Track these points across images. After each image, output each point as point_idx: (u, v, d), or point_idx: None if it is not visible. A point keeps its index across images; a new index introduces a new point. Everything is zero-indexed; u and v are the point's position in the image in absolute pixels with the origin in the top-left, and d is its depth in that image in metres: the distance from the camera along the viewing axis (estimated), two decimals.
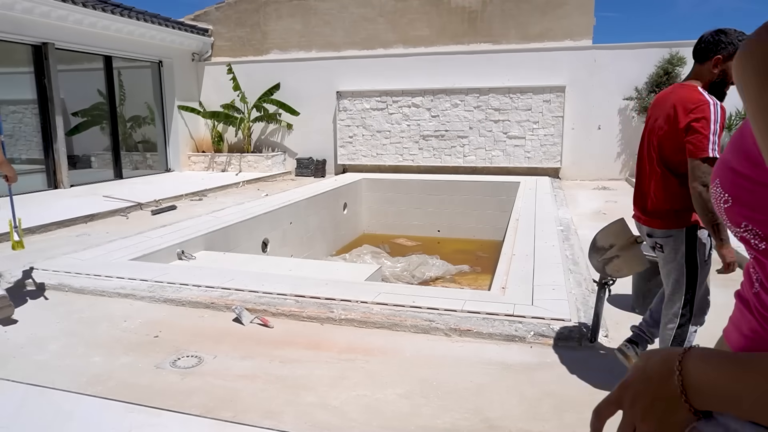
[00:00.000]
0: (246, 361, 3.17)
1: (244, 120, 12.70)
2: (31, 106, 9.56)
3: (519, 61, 11.21)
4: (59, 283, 4.49)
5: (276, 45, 13.04)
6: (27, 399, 2.76)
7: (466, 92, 11.45)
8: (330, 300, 3.96)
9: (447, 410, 2.62)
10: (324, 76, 12.36)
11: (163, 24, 11.77)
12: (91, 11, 9.93)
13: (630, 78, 10.58)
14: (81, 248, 5.66)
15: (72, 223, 6.92)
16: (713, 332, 1.03)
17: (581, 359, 3.12)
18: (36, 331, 3.64)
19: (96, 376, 2.99)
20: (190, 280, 4.46)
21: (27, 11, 8.98)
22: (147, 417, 2.58)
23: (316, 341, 3.44)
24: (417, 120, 11.83)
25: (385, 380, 2.92)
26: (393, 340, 3.44)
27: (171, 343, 3.42)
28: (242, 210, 7.76)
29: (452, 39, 11.92)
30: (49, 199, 8.63)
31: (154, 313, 3.95)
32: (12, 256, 5.29)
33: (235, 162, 12.76)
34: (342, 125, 12.34)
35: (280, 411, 2.63)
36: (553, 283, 4.27)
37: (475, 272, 8.23)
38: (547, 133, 11.15)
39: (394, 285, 6.18)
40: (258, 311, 3.85)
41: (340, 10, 12.48)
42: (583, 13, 11.23)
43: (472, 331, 3.43)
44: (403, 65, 11.84)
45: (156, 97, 12.57)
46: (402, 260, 8.43)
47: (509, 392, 2.77)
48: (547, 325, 3.46)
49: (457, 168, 11.79)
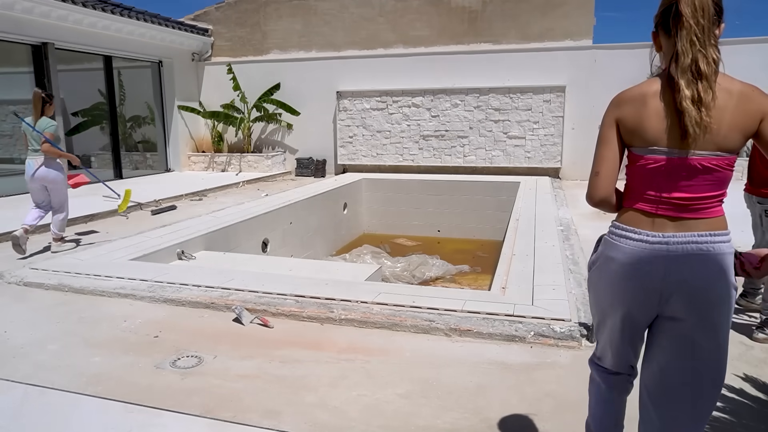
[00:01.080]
0: (246, 361, 3.17)
1: (244, 120, 12.70)
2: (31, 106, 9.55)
3: (519, 61, 11.21)
4: (59, 283, 4.49)
5: (276, 45, 13.04)
6: (27, 399, 2.76)
7: (466, 92, 11.45)
8: (330, 300, 3.96)
9: (447, 410, 2.62)
10: (324, 76, 12.37)
11: (163, 24, 11.77)
12: (91, 11, 9.93)
13: (630, 78, 10.40)
14: (81, 248, 5.66)
15: (72, 223, 6.90)
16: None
17: (581, 359, 3.11)
18: (36, 331, 3.64)
19: (96, 376, 2.99)
20: (190, 280, 4.46)
21: (27, 11, 8.98)
22: (147, 417, 2.58)
23: (316, 341, 3.44)
24: (417, 120, 11.83)
25: (385, 380, 2.92)
26: (393, 340, 3.43)
27: (171, 343, 3.42)
28: (242, 210, 7.76)
29: (452, 39, 11.92)
30: None
31: (154, 313, 3.95)
32: (12, 256, 5.31)
33: (235, 162, 12.76)
34: (342, 125, 12.35)
35: (280, 411, 2.63)
36: (553, 283, 4.27)
37: (475, 272, 8.24)
38: (548, 133, 11.15)
39: (394, 285, 6.18)
40: (258, 311, 3.85)
41: (340, 10, 12.48)
42: (583, 13, 11.23)
43: (472, 331, 3.43)
44: (403, 65, 11.84)
45: (156, 97, 12.57)
46: (402, 260, 8.43)
47: (509, 392, 2.77)
48: (547, 325, 3.45)
49: (457, 168, 11.79)
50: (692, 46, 1.49)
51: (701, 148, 1.51)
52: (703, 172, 1.53)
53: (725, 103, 1.50)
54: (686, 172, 1.53)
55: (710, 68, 1.49)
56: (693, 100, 1.48)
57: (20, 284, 4.57)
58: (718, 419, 2.50)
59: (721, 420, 2.50)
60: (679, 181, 1.54)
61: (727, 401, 2.65)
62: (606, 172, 1.66)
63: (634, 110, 1.58)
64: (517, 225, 6.59)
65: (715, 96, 1.48)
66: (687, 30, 1.50)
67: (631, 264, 1.59)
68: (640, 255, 1.58)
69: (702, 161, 1.52)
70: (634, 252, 1.59)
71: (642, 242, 1.57)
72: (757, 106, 1.51)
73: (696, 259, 1.52)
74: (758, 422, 2.48)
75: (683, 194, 1.55)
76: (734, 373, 2.92)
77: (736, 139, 1.51)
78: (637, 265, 1.58)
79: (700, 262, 1.52)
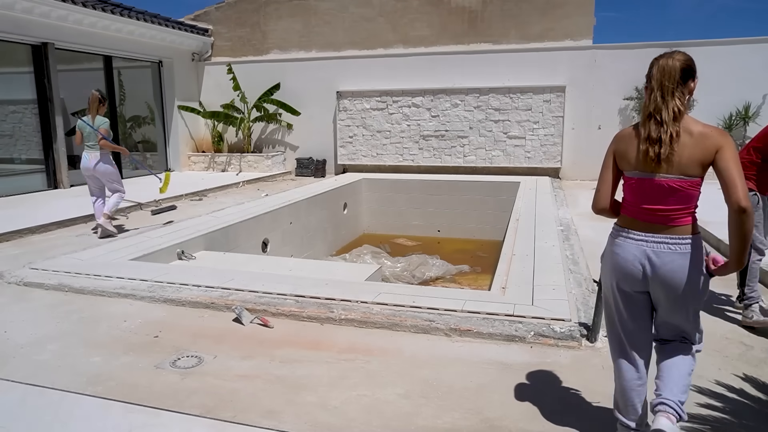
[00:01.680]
0: (246, 361, 3.17)
1: (244, 120, 12.70)
2: (31, 106, 9.56)
3: (519, 61, 11.21)
4: (59, 283, 4.49)
5: (276, 45, 13.04)
6: (27, 399, 2.76)
7: (466, 92, 11.46)
8: (330, 300, 3.96)
9: (447, 410, 2.62)
10: (324, 76, 12.37)
11: (163, 24, 11.78)
12: (91, 11, 9.94)
13: (630, 78, 10.57)
14: (81, 248, 5.66)
15: (72, 223, 6.92)
16: None
17: (581, 359, 3.12)
18: (36, 331, 3.64)
19: (96, 376, 2.99)
20: (190, 280, 4.46)
21: (27, 11, 8.98)
22: (147, 417, 2.58)
23: (316, 341, 3.44)
24: (417, 120, 11.83)
25: (385, 380, 2.92)
26: (393, 340, 3.44)
27: (171, 343, 3.42)
28: (242, 210, 7.76)
29: (452, 39, 11.92)
30: (49, 199, 8.63)
31: (154, 313, 3.95)
32: (12, 256, 5.31)
33: (235, 162, 12.77)
34: (342, 125, 12.35)
35: (280, 411, 2.63)
36: (553, 283, 4.27)
37: (475, 272, 8.24)
38: (547, 133, 11.15)
39: (394, 285, 6.18)
40: (258, 311, 3.85)
41: (340, 10, 12.49)
42: (583, 13, 11.23)
43: (472, 331, 3.43)
44: (403, 65, 11.85)
45: (156, 97, 12.57)
46: (402, 260, 8.43)
47: (509, 392, 2.77)
48: (547, 325, 3.45)
49: (457, 168, 11.79)
50: (655, 100, 2.03)
51: (667, 172, 2.02)
52: (669, 191, 2.03)
53: (686, 141, 1.99)
54: (657, 190, 2.05)
55: (670, 116, 1.99)
56: (651, 140, 2.01)
57: (20, 284, 4.57)
58: (718, 419, 2.50)
59: (721, 420, 2.50)
60: (652, 195, 2.07)
61: (727, 401, 2.65)
62: (604, 189, 2.23)
63: (624, 144, 2.15)
64: (517, 225, 6.59)
65: (675, 136, 1.98)
66: (653, 89, 2.05)
67: (622, 254, 2.14)
68: (628, 248, 2.13)
69: (668, 182, 2.02)
70: (625, 245, 2.14)
71: (630, 239, 2.12)
72: (713, 142, 1.97)
73: (667, 255, 2.05)
74: (758, 422, 2.48)
75: (656, 206, 2.07)
76: (734, 373, 2.92)
77: (695, 168, 2.00)
78: (626, 255, 2.13)
79: (669, 257, 2.05)
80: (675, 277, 2.04)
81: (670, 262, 2.03)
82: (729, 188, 1.92)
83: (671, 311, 2.13)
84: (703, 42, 10.40)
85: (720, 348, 3.25)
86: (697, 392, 2.70)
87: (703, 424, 2.46)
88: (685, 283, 2.04)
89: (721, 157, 1.95)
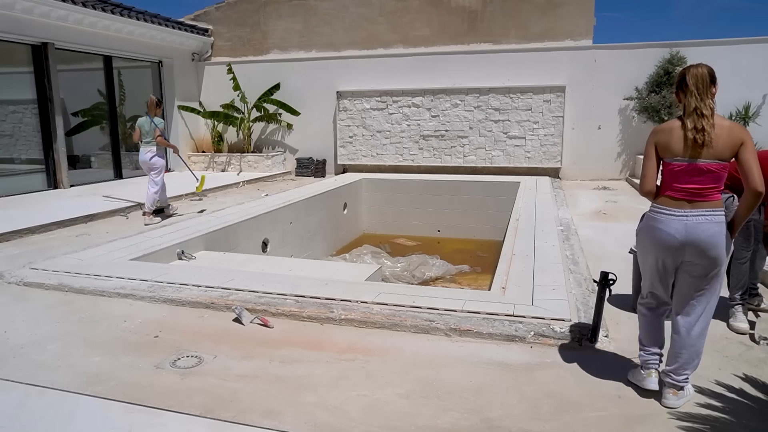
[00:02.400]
0: (246, 361, 3.17)
1: (244, 120, 12.70)
2: (31, 106, 9.56)
3: (519, 61, 11.21)
4: (59, 283, 4.49)
5: (276, 45, 13.04)
6: (27, 399, 2.76)
7: (466, 92, 11.45)
8: (330, 300, 3.96)
9: (447, 410, 2.62)
10: (324, 76, 12.37)
11: (163, 24, 11.77)
12: (91, 11, 9.93)
13: (630, 78, 10.58)
14: (81, 248, 5.66)
15: (72, 223, 6.92)
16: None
17: (581, 359, 3.12)
18: (36, 331, 3.64)
19: (96, 376, 2.99)
20: (190, 280, 4.46)
21: (27, 11, 8.98)
22: (147, 417, 2.58)
23: (316, 341, 3.44)
24: (417, 120, 11.83)
25: (385, 380, 2.92)
26: (393, 340, 3.43)
27: (171, 343, 3.42)
28: (242, 210, 7.76)
29: (452, 39, 11.92)
30: (49, 199, 8.63)
31: (154, 313, 3.95)
32: (12, 256, 5.31)
33: (235, 162, 12.77)
34: (342, 125, 12.35)
35: (280, 411, 2.63)
36: (553, 283, 4.27)
37: (475, 272, 8.23)
38: (547, 133, 11.15)
39: (394, 285, 6.18)
40: (258, 311, 3.85)
41: (340, 10, 12.49)
42: (583, 13, 11.23)
43: (472, 331, 3.43)
44: (403, 65, 11.84)
45: (156, 96, 12.55)
46: (402, 260, 8.43)
47: (509, 392, 2.77)
48: (547, 325, 3.45)
49: (457, 168, 11.79)
50: (695, 100, 2.50)
51: (705, 157, 2.48)
52: (706, 172, 2.50)
53: (720, 132, 2.47)
54: (697, 172, 2.50)
55: (707, 111, 2.47)
56: (697, 130, 2.47)
57: (20, 284, 4.57)
58: (718, 419, 2.50)
59: (721, 420, 2.50)
60: (693, 176, 2.52)
61: (727, 401, 2.65)
62: (650, 175, 2.66)
63: (665, 136, 2.58)
64: (517, 225, 6.59)
65: (712, 127, 2.46)
66: (691, 92, 2.52)
67: (664, 229, 2.57)
68: (669, 223, 2.56)
69: (706, 166, 2.49)
70: (666, 221, 2.57)
71: (671, 216, 2.56)
72: (738, 135, 2.47)
73: (705, 225, 2.50)
74: (758, 422, 2.48)
75: (694, 185, 2.52)
76: (734, 373, 2.92)
77: (728, 154, 2.48)
78: (667, 230, 2.56)
79: (708, 226, 2.50)
80: (712, 241, 2.48)
81: (709, 229, 2.48)
82: (747, 176, 2.44)
83: (701, 277, 2.58)
84: (703, 42, 10.41)
85: (720, 348, 3.25)
86: (698, 392, 2.70)
87: (703, 424, 2.45)
88: (718, 246, 2.49)
89: (743, 150, 2.45)
